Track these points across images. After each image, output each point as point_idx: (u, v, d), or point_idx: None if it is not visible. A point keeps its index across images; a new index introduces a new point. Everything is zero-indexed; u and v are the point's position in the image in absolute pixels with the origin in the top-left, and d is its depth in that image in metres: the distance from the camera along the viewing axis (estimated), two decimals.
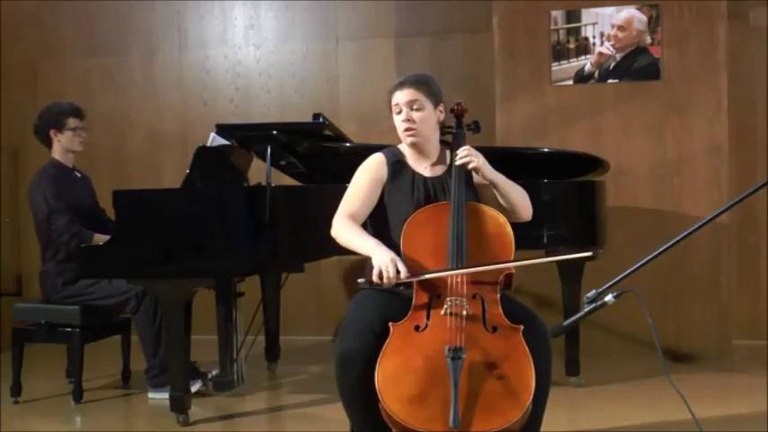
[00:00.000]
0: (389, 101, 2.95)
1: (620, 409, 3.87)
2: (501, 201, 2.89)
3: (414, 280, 2.65)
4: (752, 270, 5.28)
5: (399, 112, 2.91)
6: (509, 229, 2.78)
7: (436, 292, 2.66)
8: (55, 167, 4.34)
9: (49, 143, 4.38)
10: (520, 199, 2.92)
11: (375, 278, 2.61)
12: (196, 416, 3.86)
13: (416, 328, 2.60)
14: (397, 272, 2.60)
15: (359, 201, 2.91)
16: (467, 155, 2.83)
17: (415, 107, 2.89)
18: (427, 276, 2.65)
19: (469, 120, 3.13)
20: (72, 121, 4.35)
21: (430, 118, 2.92)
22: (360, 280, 2.70)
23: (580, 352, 4.30)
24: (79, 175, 4.48)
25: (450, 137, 3.03)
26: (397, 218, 2.83)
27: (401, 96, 2.90)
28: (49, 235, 4.22)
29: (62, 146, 4.36)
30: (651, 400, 3.94)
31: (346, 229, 2.84)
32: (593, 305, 2.39)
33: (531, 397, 2.46)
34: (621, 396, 4.14)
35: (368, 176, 2.95)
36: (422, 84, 2.92)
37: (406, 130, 2.90)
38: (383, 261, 2.62)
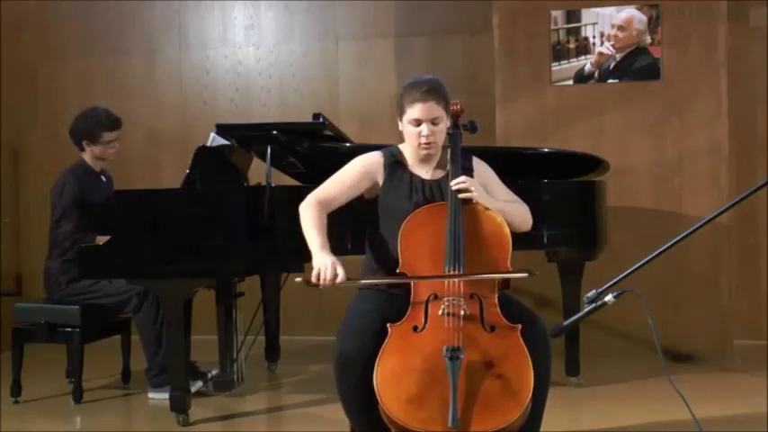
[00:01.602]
0: (403, 105, 2.84)
1: (620, 409, 3.87)
2: None
3: (352, 285, 2.69)
4: (752, 270, 5.28)
5: (417, 125, 2.82)
6: (506, 229, 2.78)
7: (434, 292, 2.66)
8: (83, 168, 4.40)
9: (81, 148, 4.41)
10: (519, 220, 2.90)
11: (313, 279, 2.62)
12: (196, 416, 3.85)
13: (414, 328, 2.60)
14: (335, 275, 2.59)
15: (339, 188, 2.90)
16: (463, 182, 2.79)
17: (435, 122, 2.83)
18: (365, 282, 2.72)
19: (466, 120, 3.13)
20: (107, 135, 4.37)
21: (444, 128, 2.88)
22: (297, 279, 2.68)
23: (580, 352, 4.30)
24: (104, 179, 4.52)
25: (447, 138, 3.02)
26: (396, 220, 2.81)
27: (424, 112, 2.79)
28: (56, 235, 4.27)
29: (93, 155, 4.40)
30: (651, 400, 3.94)
31: (309, 217, 2.81)
32: (593, 305, 2.40)
33: (530, 396, 2.46)
34: (621, 396, 4.14)
35: (359, 169, 2.92)
36: (442, 97, 2.83)
37: (426, 144, 2.83)
38: (323, 263, 2.61)
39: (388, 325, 2.61)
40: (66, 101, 6.03)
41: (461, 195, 2.78)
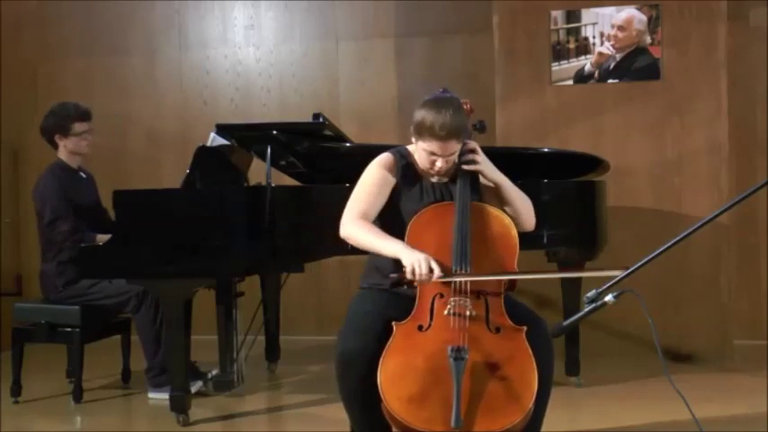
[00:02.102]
0: (420, 131, 2.74)
1: (620, 409, 3.87)
2: (505, 207, 2.88)
3: (448, 280, 2.60)
4: (752, 270, 5.28)
5: (432, 155, 2.77)
6: (514, 230, 2.77)
7: (440, 291, 2.65)
8: (60, 168, 4.35)
9: (55, 145, 4.37)
10: (523, 206, 2.89)
11: (409, 275, 2.56)
12: (196, 416, 3.85)
13: (419, 327, 2.60)
14: (431, 270, 2.56)
15: (370, 199, 2.83)
16: (474, 151, 2.81)
17: (451, 155, 2.79)
18: (461, 279, 2.60)
19: (475, 120, 3.12)
20: (78, 126, 4.32)
21: (457, 155, 2.82)
22: (392, 275, 2.64)
23: (580, 352, 4.30)
24: (84, 175, 4.48)
25: None
26: (404, 221, 2.80)
27: (441, 149, 2.74)
28: (52, 237, 4.23)
29: (68, 149, 4.35)
30: (651, 400, 3.94)
31: (364, 230, 2.74)
32: (594, 305, 2.39)
33: (534, 398, 2.46)
34: (621, 396, 4.14)
35: (378, 175, 2.87)
36: (461, 133, 2.75)
37: (437, 172, 2.81)
38: (416, 259, 2.56)
39: (393, 323, 2.60)
40: (66, 101, 6.02)
41: (467, 167, 2.80)
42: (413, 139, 2.84)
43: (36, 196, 4.31)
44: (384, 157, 2.92)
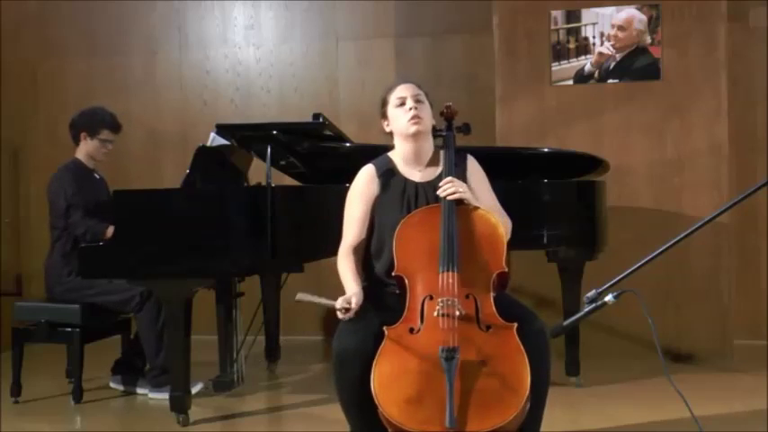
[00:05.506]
0: (386, 99, 2.99)
1: (620, 409, 3.87)
2: None
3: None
4: (752, 270, 5.28)
5: (402, 104, 2.93)
6: (501, 230, 2.79)
7: (429, 293, 2.66)
8: (76, 166, 4.44)
9: (76, 141, 4.46)
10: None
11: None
12: (196, 416, 3.85)
13: (410, 330, 2.61)
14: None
15: (356, 227, 2.94)
16: (450, 187, 2.81)
17: (419, 100, 2.94)
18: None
19: (460, 122, 3.13)
20: (105, 134, 4.44)
21: (430, 114, 2.98)
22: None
23: (580, 352, 4.30)
24: (98, 176, 4.55)
25: (441, 140, 3.04)
26: (390, 226, 2.83)
27: (405, 90, 2.96)
28: (64, 228, 4.28)
29: (87, 150, 4.45)
30: (651, 400, 3.94)
31: (342, 272, 2.87)
32: (594, 305, 2.39)
33: (527, 395, 2.46)
34: (621, 396, 4.14)
35: (359, 198, 2.95)
36: (419, 86, 3.01)
37: (413, 117, 2.90)
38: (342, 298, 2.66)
39: (384, 328, 2.61)
40: (66, 101, 6.03)
41: (445, 194, 2.80)
42: (386, 127, 3.01)
43: (51, 188, 4.38)
44: (360, 175, 3.00)
